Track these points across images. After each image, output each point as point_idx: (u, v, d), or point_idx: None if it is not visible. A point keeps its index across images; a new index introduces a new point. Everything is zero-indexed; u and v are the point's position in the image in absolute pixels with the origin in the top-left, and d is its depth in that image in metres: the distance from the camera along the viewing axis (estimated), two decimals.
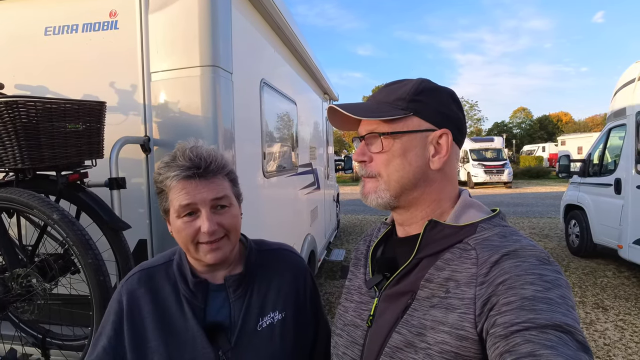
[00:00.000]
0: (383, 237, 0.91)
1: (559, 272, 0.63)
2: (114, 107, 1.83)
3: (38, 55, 1.90)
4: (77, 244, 1.19)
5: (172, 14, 1.71)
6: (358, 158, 0.79)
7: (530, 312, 0.56)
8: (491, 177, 18.28)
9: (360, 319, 0.81)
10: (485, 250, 0.68)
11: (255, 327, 0.91)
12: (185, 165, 0.84)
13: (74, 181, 1.43)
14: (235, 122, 1.89)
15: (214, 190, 0.86)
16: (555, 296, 0.58)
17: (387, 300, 0.77)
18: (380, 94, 0.81)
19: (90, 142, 1.47)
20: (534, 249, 0.66)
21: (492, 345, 0.57)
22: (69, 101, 1.37)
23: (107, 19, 1.83)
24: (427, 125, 0.77)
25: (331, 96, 5.76)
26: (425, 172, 0.77)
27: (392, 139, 0.76)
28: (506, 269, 0.63)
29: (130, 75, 1.80)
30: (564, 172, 6.19)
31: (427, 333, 0.66)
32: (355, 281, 0.90)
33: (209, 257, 0.86)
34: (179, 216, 0.85)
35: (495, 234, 0.71)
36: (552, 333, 0.53)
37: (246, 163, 2.14)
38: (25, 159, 1.24)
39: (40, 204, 1.20)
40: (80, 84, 1.85)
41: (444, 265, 0.71)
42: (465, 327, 0.62)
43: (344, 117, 0.81)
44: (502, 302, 0.59)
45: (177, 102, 1.73)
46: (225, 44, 1.77)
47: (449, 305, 0.66)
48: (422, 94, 0.78)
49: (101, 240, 1.50)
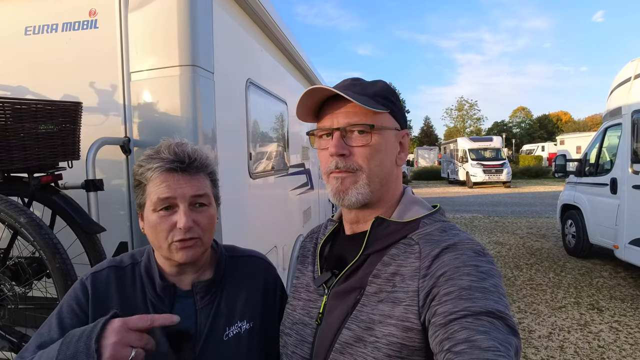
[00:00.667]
0: (330, 235, 0.91)
1: (492, 263, 0.68)
2: (94, 108, 1.80)
3: (19, 56, 1.87)
4: (44, 248, 1.16)
5: (152, 13, 1.68)
6: (339, 151, 0.76)
7: (467, 301, 0.60)
8: (490, 176, 18.26)
9: (309, 317, 0.81)
10: (427, 245, 0.72)
11: (222, 336, 0.88)
12: (169, 158, 0.83)
13: (47, 183, 1.40)
14: (218, 122, 1.86)
15: (195, 187, 0.85)
16: (489, 285, 0.63)
17: (336, 298, 0.78)
18: (354, 87, 0.80)
19: (64, 144, 1.44)
20: (471, 242, 0.71)
21: (433, 334, 0.60)
22: (40, 102, 1.34)
23: (86, 18, 1.80)
24: (396, 124, 0.81)
25: None
26: (392, 169, 0.81)
27: (375, 134, 0.77)
28: (446, 261, 0.67)
29: (110, 75, 1.77)
30: (560, 172, 6.16)
31: (376, 327, 0.68)
32: (302, 279, 0.90)
33: (181, 255, 0.84)
34: (155, 209, 0.83)
35: (436, 229, 0.75)
36: (486, 319, 0.57)
37: (230, 164, 2.11)
38: None
39: (7, 207, 1.18)
40: (61, 84, 1.82)
41: (390, 260, 0.74)
42: (410, 318, 0.65)
43: (311, 106, 0.81)
44: (443, 293, 0.63)
45: (157, 103, 1.70)
46: (206, 43, 1.74)
47: (396, 299, 0.69)
48: (392, 95, 0.82)
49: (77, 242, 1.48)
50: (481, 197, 15.09)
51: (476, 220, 9.75)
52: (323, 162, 0.81)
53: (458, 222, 9.51)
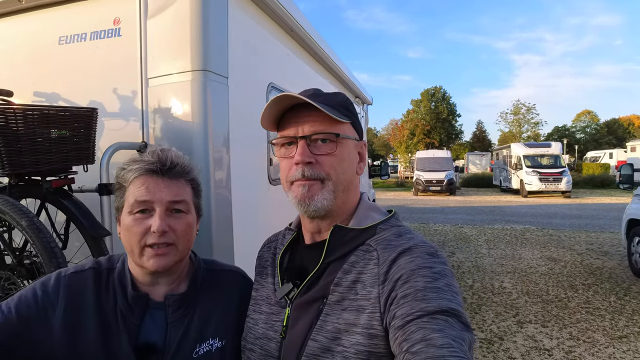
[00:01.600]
0: (289, 244, 0.89)
1: (445, 264, 0.71)
2: (115, 113, 1.86)
3: (53, 64, 1.98)
4: (41, 251, 1.18)
5: (167, 19, 1.69)
6: (305, 159, 0.77)
7: (422, 301, 0.62)
8: (547, 185, 16.96)
9: (273, 330, 0.80)
10: (384, 251, 0.73)
11: (191, 353, 0.83)
12: (150, 160, 0.83)
13: (59, 187, 1.44)
14: (233, 127, 1.84)
15: (173, 192, 0.84)
16: (442, 285, 0.65)
17: (298, 309, 0.77)
18: (318, 97, 0.80)
19: (78, 148, 1.48)
20: (425, 245, 0.73)
21: (393, 336, 0.62)
22: (53, 108, 1.39)
23: (111, 27, 1.86)
24: (356, 135, 0.84)
25: (363, 100, 5.61)
26: (354, 177, 0.83)
27: (339, 143, 0.79)
28: (402, 265, 0.69)
29: (131, 81, 1.82)
30: (626, 183, 5.53)
31: (342, 336, 0.69)
32: (262, 291, 0.88)
33: (152, 262, 0.81)
34: (131, 212, 0.82)
35: (392, 234, 0.77)
36: (440, 317, 0.60)
37: (247, 169, 2.08)
38: (6, 165, 1.27)
39: (11, 210, 1.22)
40: (87, 90, 1.90)
41: (350, 268, 0.75)
42: (374, 325, 0.67)
43: (275, 114, 0.81)
44: (400, 296, 0.65)
45: (171, 108, 1.71)
46: (219, 48, 1.72)
47: (359, 306, 0.70)
48: (352, 107, 0.85)
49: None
50: (536, 207, 14.04)
51: (527, 232, 9.04)
52: (284, 170, 0.81)
53: (506, 233, 8.91)
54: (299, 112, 0.79)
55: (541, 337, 3.71)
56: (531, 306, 4.48)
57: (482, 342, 3.63)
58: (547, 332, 3.80)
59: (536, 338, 3.68)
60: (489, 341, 3.64)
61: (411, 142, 29.20)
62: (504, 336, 3.73)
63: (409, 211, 13.31)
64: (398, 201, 16.92)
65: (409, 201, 16.84)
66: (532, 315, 4.21)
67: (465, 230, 9.37)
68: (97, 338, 0.79)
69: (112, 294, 0.85)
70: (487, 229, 9.52)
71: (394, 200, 17.47)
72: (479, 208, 14.02)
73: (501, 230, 9.39)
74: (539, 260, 6.52)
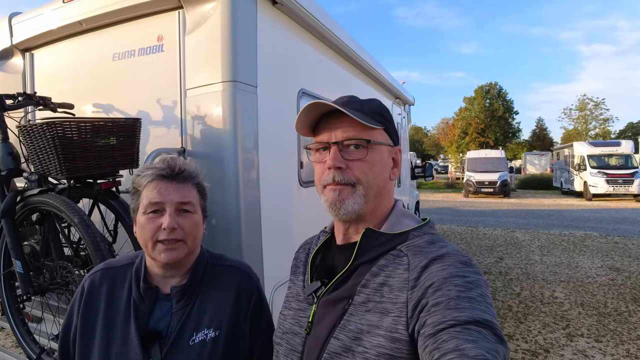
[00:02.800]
0: (322, 245, 0.93)
1: (479, 274, 0.69)
2: (159, 121, 2.05)
3: (108, 78, 2.22)
4: (89, 245, 1.37)
5: (201, 34, 1.84)
6: (336, 164, 0.80)
7: (454, 310, 0.61)
8: (615, 188, 15.49)
9: (299, 326, 0.83)
10: (416, 257, 0.73)
11: (188, 341, 0.94)
12: (160, 167, 0.96)
13: (108, 189, 1.64)
14: (263, 133, 1.95)
15: (181, 195, 0.96)
16: (476, 295, 0.64)
17: (324, 307, 0.79)
18: (352, 105, 0.84)
19: (124, 154, 1.67)
20: (458, 253, 0.72)
21: (423, 344, 0.61)
22: (101, 119, 1.58)
23: (155, 43, 2.05)
24: (390, 141, 0.85)
25: (404, 100, 5.54)
26: (387, 183, 0.84)
27: (370, 149, 0.80)
28: (434, 272, 0.68)
29: (172, 92, 1.99)
30: None
31: (364, 337, 0.69)
32: (293, 289, 0.92)
33: (163, 255, 0.93)
34: (145, 212, 0.94)
35: (425, 241, 0.77)
36: (474, 328, 0.59)
37: (279, 172, 2.19)
38: (63, 170, 1.47)
39: (66, 208, 1.42)
40: (136, 101, 2.11)
41: (379, 271, 0.75)
42: (399, 329, 0.67)
43: (310, 120, 0.85)
44: (431, 304, 0.64)
45: (205, 116, 1.86)
46: (248, 60, 1.84)
47: (384, 309, 0.70)
48: (385, 112, 0.86)
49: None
50: (601, 211, 12.88)
51: (589, 239, 8.35)
52: (318, 174, 0.85)
53: (563, 239, 8.29)
54: (332, 119, 0.82)
55: (593, 352, 3.45)
56: (585, 319, 4.17)
57: (524, 353, 3.46)
58: (601, 348, 3.52)
59: (587, 353, 3.43)
60: (532, 353, 3.45)
61: (463, 141, 28.03)
62: (550, 348, 3.52)
63: (457, 213, 12.82)
64: (446, 203, 16.35)
65: (458, 203, 16.21)
66: (585, 329, 3.92)
67: (517, 235, 8.86)
68: (104, 332, 0.93)
69: (128, 285, 0.98)
70: (542, 234, 8.93)
71: (442, 202, 16.91)
72: (535, 211, 13.15)
73: (558, 235, 8.76)
74: (598, 269, 6.01)
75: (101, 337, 0.93)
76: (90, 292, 0.97)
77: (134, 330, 0.91)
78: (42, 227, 1.70)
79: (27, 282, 1.60)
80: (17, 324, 1.82)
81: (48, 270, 1.64)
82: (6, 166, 1.72)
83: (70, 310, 0.99)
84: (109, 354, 0.91)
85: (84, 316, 0.95)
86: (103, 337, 0.92)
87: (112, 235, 1.77)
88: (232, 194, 1.79)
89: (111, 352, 0.91)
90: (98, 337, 0.93)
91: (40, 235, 1.73)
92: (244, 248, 1.81)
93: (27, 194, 1.62)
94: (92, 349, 0.92)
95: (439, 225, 10.44)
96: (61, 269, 1.57)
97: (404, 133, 5.75)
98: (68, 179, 1.56)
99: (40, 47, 2.51)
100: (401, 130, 5.47)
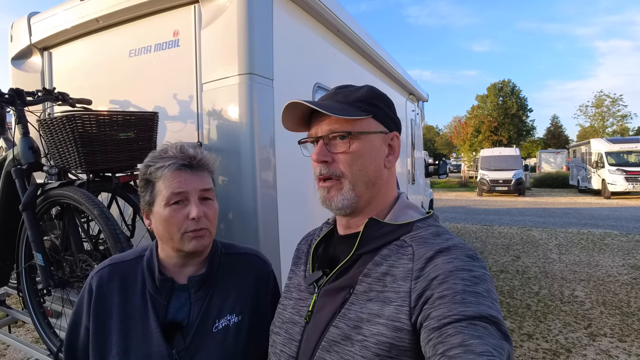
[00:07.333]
0: (325, 236, 0.92)
1: (484, 268, 0.68)
2: (175, 116, 2.05)
3: (125, 74, 2.23)
4: (108, 237, 1.37)
5: (217, 28, 1.84)
6: (320, 158, 0.80)
7: (460, 305, 0.60)
8: (635, 185, 15.09)
9: (299, 315, 0.83)
10: (420, 247, 0.72)
11: (211, 328, 0.93)
12: (178, 156, 0.93)
13: (126, 182, 1.64)
14: (278, 126, 1.93)
15: (202, 182, 0.95)
16: (482, 290, 0.63)
17: (325, 296, 0.79)
18: (337, 96, 0.84)
19: (142, 148, 1.67)
20: (464, 246, 0.72)
21: (426, 337, 0.60)
22: (120, 113, 1.58)
23: (171, 38, 2.05)
24: (382, 128, 0.83)
25: (418, 97, 5.48)
26: (381, 171, 0.82)
27: (355, 140, 0.79)
28: (439, 264, 0.67)
29: (188, 87, 1.99)
30: None
31: (364, 325, 0.69)
32: (295, 279, 0.92)
33: (193, 244, 0.92)
34: (167, 204, 0.91)
35: (430, 233, 0.76)
36: (480, 324, 0.58)
37: (292, 167, 2.17)
38: (83, 163, 1.47)
39: (86, 201, 1.42)
40: (152, 96, 2.12)
41: (382, 260, 0.74)
42: (401, 318, 0.66)
43: (296, 117, 0.85)
44: (436, 296, 0.63)
45: (222, 110, 1.85)
46: (264, 52, 1.83)
47: (386, 298, 0.69)
48: (376, 99, 0.83)
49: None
50: (620, 210, 12.55)
51: (608, 237, 8.14)
52: (313, 169, 0.84)
53: (582, 238, 8.10)
54: (319, 113, 0.82)
55: (617, 352, 3.35)
56: (607, 318, 4.05)
57: (545, 352, 3.37)
58: (625, 348, 3.41)
59: (611, 353, 3.33)
60: (554, 352, 3.37)
61: (476, 139, 27.65)
62: (572, 348, 3.43)
63: (471, 212, 12.65)
64: (460, 202, 16.15)
65: (471, 202, 15.99)
66: (608, 328, 3.81)
67: (534, 233, 8.68)
68: (121, 327, 0.91)
69: (141, 278, 0.95)
70: (560, 232, 8.74)
71: (455, 200, 16.70)
72: (552, 210, 12.88)
73: (576, 234, 8.56)
74: (620, 268, 5.85)
75: (118, 333, 0.90)
76: (100, 290, 0.94)
77: (154, 322, 0.90)
78: (61, 222, 1.72)
79: (48, 274, 1.61)
80: (38, 316, 1.83)
81: (68, 264, 1.65)
82: (27, 160, 1.74)
83: (77, 311, 0.96)
84: (128, 350, 0.89)
85: (96, 315, 0.92)
86: (120, 332, 0.90)
87: (130, 229, 1.77)
88: (249, 187, 1.77)
89: (131, 347, 0.89)
90: (115, 334, 0.90)
91: (60, 230, 1.74)
92: (262, 247, 1.79)
93: (47, 187, 1.63)
94: (109, 346, 0.90)
95: (452, 224, 10.31)
96: (81, 262, 1.58)
97: (417, 130, 5.68)
98: (87, 173, 1.57)
99: (58, 46, 2.54)
100: (415, 127, 5.40)
